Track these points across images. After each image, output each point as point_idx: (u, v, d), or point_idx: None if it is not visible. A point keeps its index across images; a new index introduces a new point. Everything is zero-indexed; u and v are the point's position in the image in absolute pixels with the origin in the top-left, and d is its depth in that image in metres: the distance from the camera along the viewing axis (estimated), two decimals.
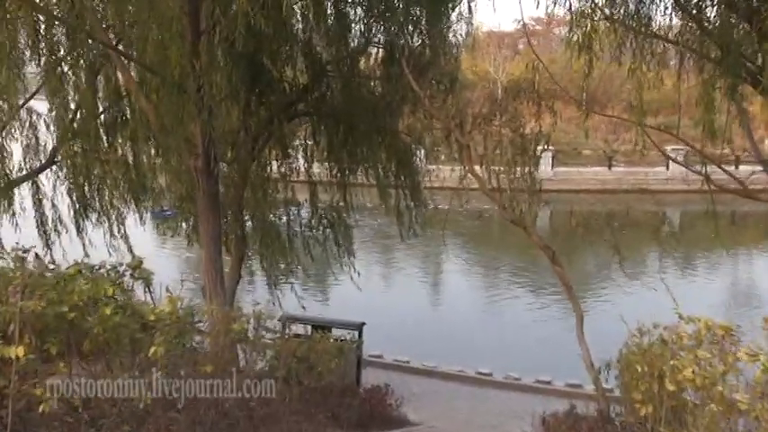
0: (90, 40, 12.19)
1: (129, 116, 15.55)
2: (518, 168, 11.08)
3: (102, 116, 16.25)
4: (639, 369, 6.60)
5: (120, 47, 13.27)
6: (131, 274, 11.18)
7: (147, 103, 11.41)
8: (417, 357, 18.35)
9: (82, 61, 14.53)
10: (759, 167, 11.13)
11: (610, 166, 51.99)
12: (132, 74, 13.24)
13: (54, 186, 17.01)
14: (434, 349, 19.36)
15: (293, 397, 10.36)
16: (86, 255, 14.95)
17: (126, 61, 12.12)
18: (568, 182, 47.71)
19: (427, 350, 19.01)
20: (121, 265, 11.39)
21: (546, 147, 11.58)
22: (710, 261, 30.35)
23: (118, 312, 7.23)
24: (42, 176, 17.10)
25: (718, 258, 29.93)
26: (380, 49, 15.33)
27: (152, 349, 6.85)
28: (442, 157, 17.31)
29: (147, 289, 11.13)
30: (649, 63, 9.75)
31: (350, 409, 11.41)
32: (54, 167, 16.84)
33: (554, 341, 19.93)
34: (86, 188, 16.65)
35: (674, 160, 12.53)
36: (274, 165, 15.52)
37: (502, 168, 11.48)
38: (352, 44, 14.71)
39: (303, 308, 16.39)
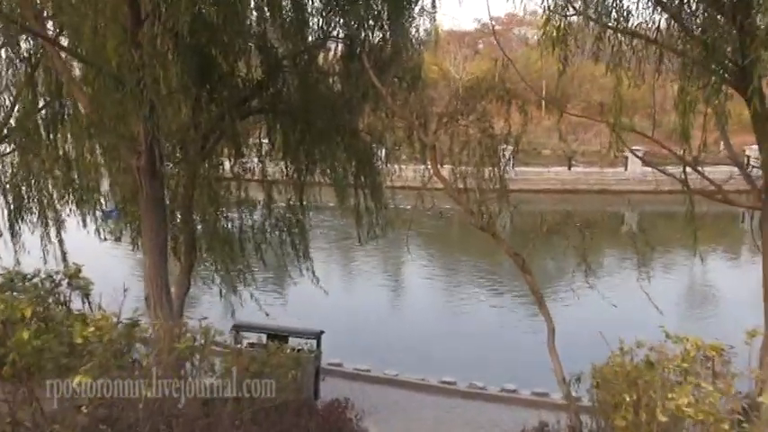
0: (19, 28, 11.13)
1: (71, 111, 14.51)
2: (487, 170, 10.46)
3: (43, 111, 15.21)
4: (627, 398, 5.96)
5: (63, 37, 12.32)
6: (68, 283, 10.24)
7: (82, 96, 10.43)
8: (378, 365, 17.63)
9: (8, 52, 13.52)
10: (734, 169, 10.77)
11: (569, 167, 52.12)
12: (73, 66, 12.31)
13: None
14: (396, 356, 18.72)
15: (245, 418, 9.61)
16: (18, 262, 13.83)
17: (60, 51, 11.05)
18: (529, 182, 47.47)
19: (389, 357, 18.35)
20: (58, 273, 10.44)
21: (516, 148, 10.99)
22: (673, 262, 30.32)
23: (40, 335, 6.35)
24: None
25: (681, 259, 29.93)
26: (340, 44, 14.60)
27: (77, 378, 5.97)
28: (404, 157, 16.63)
29: (85, 299, 10.22)
30: (629, 61, 9.17)
31: (307, 428, 10.65)
32: None
33: (519, 348, 19.49)
34: (24, 188, 15.52)
35: (646, 162, 12.00)
36: (227, 164, 14.62)
37: (469, 170, 10.88)
38: (309, 38, 13.92)
39: (267, 314, 15.60)
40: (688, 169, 10.53)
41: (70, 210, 15.86)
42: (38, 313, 6.89)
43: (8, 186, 15.56)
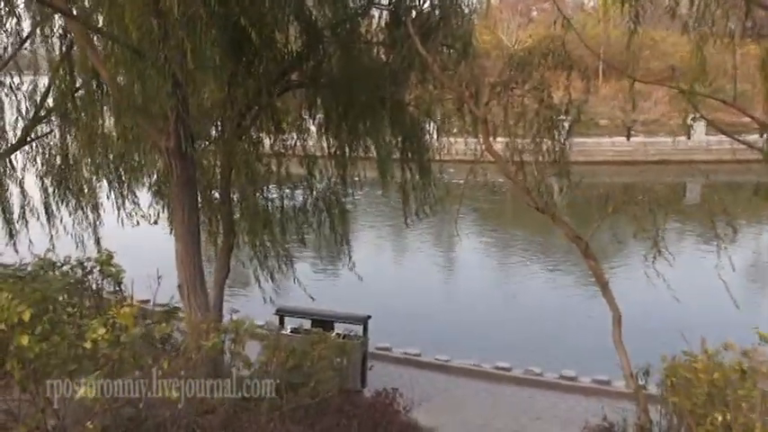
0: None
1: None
2: (544, 144, 9.46)
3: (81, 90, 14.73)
4: (720, 417, 5.02)
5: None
6: (100, 271, 9.78)
7: (104, 72, 9.78)
8: (429, 350, 16.85)
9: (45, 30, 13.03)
10: None
11: (629, 137, 50.12)
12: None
13: (23, 169, 15.42)
14: (448, 339, 17.93)
15: (284, 415, 8.99)
16: (53, 247, 13.44)
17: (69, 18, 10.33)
18: (586, 153, 45.67)
19: (440, 341, 17.54)
20: (89, 260, 10.00)
21: (577, 118, 9.93)
22: (742, 235, 28.63)
23: (47, 337, 5.74)
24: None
25: (749, 232, 28.28)
26: (384, 11, 13.65)
27: (81, 389, 5.34)
28: (454, 130, 15.64)
29: (117, 287, 9.73)
30: (713, 18, 8.01)
31: (350, 424, 9.95)
32: (26, 148, 15.27)
33: (579, 331, 18.49)
34: (62, 170, 15.12)
35: (722, 130, 10.85)
36: (266, 142, 13.89)
37: (524, 143, 9.89)
38: (351, 5, 13.07)
39: (312, 299, 15.00)
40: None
41: (109, 192, 15.40)
42: (49, 312, 6.25)
43: (46, 168, 15.19)
